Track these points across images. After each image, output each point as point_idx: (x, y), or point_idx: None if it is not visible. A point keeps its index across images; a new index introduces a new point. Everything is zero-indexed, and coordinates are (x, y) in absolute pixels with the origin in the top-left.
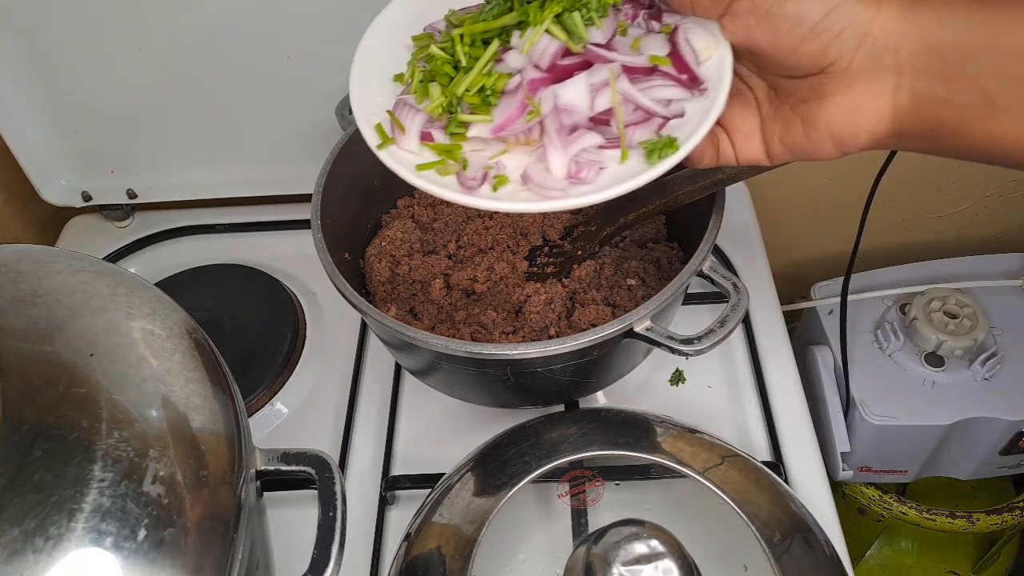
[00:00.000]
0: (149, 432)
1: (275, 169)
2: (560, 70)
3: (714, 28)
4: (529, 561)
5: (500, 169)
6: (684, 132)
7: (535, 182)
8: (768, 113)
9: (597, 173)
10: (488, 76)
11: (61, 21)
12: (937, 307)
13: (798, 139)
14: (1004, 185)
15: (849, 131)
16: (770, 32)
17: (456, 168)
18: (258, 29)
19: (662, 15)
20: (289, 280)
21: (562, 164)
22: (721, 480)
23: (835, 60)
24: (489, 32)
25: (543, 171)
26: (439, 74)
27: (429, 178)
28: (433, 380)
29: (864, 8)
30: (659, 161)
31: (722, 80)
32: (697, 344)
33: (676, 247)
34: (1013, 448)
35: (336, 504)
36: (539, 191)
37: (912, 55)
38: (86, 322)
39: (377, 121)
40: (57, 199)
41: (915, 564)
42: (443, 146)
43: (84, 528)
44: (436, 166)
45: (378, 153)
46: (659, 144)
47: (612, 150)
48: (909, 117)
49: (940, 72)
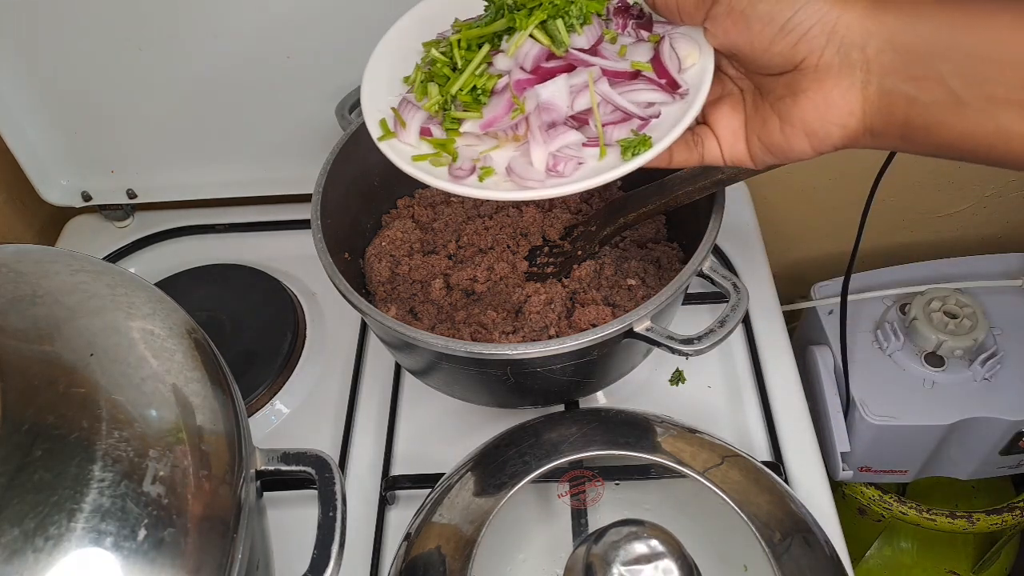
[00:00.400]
0: (149, 432)
1: (275, 169)
2: (544, 72)
3: (699, 37)
4: (529, 561)
5: (487, 162)
6: (660, 132)
7: (516, 173)
8: (751, 112)
9: (575, 168)
10: (479, 77)
11: (61, 21)
12: (937, 307)
13: (775, 137)
14: (1004, 185)
15: (822, 127)
16: (746, 32)
17: (448, 160)
18: (258, 29)
19: (652, 25)
20: (289, 280)
21: (541, 158)
22: (721, 480)
23: (805, 57)
24: (483, 37)
25: (525, 164)
26: (438, 75)
27: (423, 168)
28: (433, 380)
29: (830, 7)
30: (633, 158)
31: (701, 85)
32: (697, 344)
33: (676, 247)
34: (1013, 448)
35: (336, 504)
36: (519, 181)
37: (879, 52)
38: (86, 322)
39: (382, 117)
40: (57, 199)
41: (915, 564)
42: (439, 140)
43: (84, 528)
44: (430, 158)
45: (379, 144)
46: (634, 142)
47: (593, 148)
48: (879, 114)
49: (906, 70)
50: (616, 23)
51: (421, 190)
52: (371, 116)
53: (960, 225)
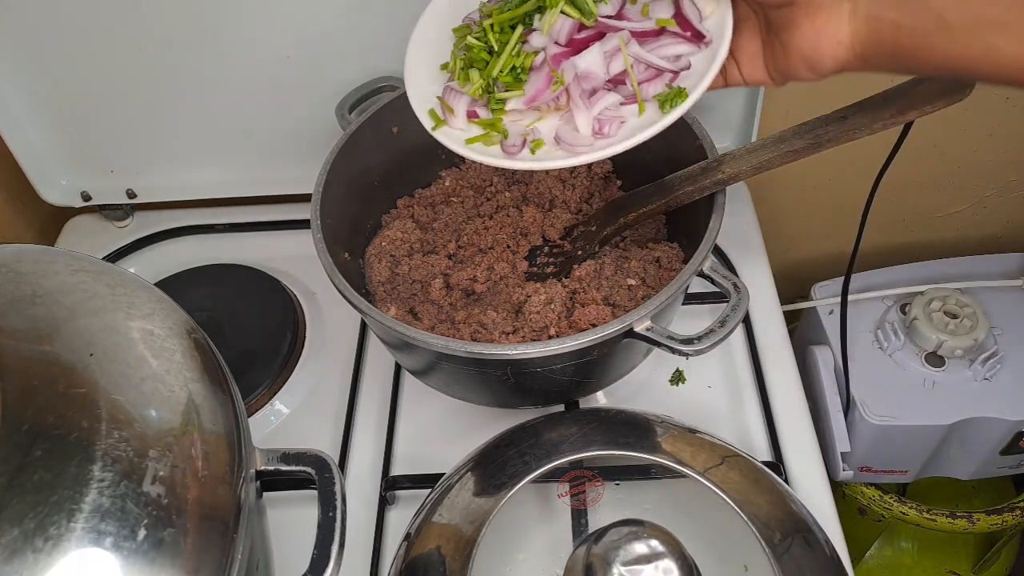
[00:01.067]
0: (149, 432)
1: (275, 169)
2: (578, 43)
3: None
4: (529, 561)
5: (536, 134)
6: (691, 81)
7: (565, 141)
8: (765, 36)
9: (619, 127)
10: (517, 57)
11: (61, 21)
12: (937, 307)
13: (780, 62)
14: (1004, 185)
15: (815, 55)
16: None
17: (499, 139)
18: (258, 29)
19: None
20: (289, 280)
21: (587, 123)
22: (721, 480)
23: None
24: (515, 19)
25: (572, 131)
26: (477, 60)
27: (478, 150)
28: (433, 380)
29: None
30: (671, 110)
31: (724, 33)
32: (697, 344)
33: (676, 247)
34: (1013, 448)
35: (336, 504)
36: (569, 148)
37: None
38: (85, 322)
39: (429, 107)
40: (57, 199)
41: (915, 564)
42: (487, 121)
43: (84, 528)
44: (482, 139)
45: (434, 134)
46: (670, 95)
47: (631, 105)
48: (867, 41)
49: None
50: None
51: (421, 190)
52: (420, 108)
53: (960, 225)
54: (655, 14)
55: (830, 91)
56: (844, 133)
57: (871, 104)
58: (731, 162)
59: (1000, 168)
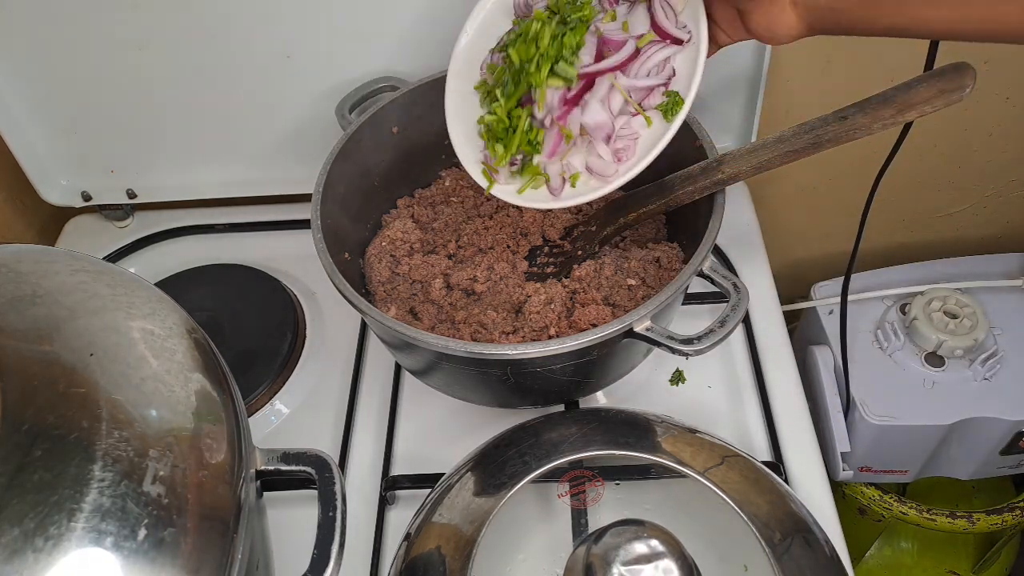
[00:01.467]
0: (149, 432)
1: (275, 169)
2: (572, 100)
3: None
4: (529, 561)
5: (571, 169)
6: (683, 84)
7: (596, 172)
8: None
9: (635, 144)
10: (528, 133)
11: (61, 21)
12: (937, 307)
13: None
14: (1004, 185)
15: (771, 35)
16: None
17: (543, 181)
18: (258, 29)
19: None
20: (289, 280)
21: (608, 154)
22: (721, 480)
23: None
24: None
25: (599, 160)
26: (498, 134)
27: (529, 198)
28: (433, 380)
29: None
30: (674, 118)
31: (699, 28)
32: (697, 344)
33: (676, 247)
34: (1013, 448)
35: (336, 504)
36: (601, 178)
37: None
38: (86, 322)
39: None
40: (57, 199)
41: (915, 564)
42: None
43: (84, 528)
44: (530, 184)
45: (491, 192)
46: (669, 104)
47: (637, 116)
48: (813, 21)
49: None
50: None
51: (421, 190)
52: (473, 170)
53: (960, 225)
54: (633, 25)
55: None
56: (844, 133)
57: (871, 104)
58: (731, 162)
59: (1000, 168)
